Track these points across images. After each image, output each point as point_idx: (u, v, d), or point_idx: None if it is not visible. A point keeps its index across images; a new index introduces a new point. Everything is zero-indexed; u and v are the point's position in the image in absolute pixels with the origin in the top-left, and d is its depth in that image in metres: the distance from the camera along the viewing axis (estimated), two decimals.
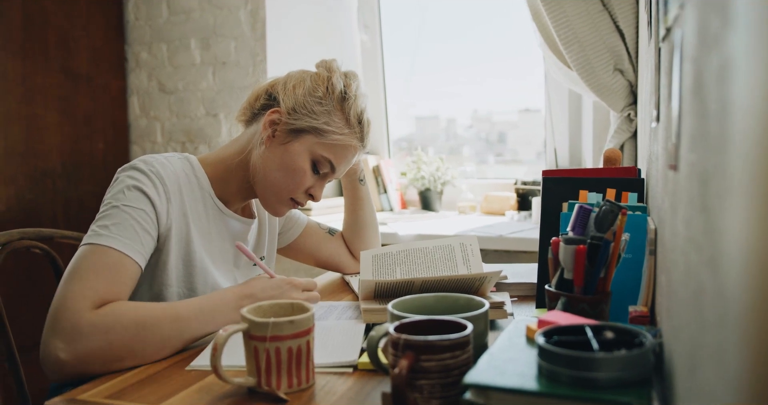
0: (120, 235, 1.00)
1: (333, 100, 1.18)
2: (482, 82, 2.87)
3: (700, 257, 0.46)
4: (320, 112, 1.16)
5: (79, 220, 2.49)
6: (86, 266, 0.97)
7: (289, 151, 1.17)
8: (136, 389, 0.85)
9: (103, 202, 1.06)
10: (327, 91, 1.18)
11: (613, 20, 1.83)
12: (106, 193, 1.07)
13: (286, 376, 0.81)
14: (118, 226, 1.01)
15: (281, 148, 1.17)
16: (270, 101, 1.21)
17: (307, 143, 1.17)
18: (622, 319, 0.94)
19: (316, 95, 1.17)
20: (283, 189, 1.18)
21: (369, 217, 1.48)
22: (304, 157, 1.17)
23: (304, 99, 1.17)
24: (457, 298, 0.91)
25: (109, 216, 1.02)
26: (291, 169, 1.17)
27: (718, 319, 0.39)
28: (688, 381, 0.52)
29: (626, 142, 1.89)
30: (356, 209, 1.47)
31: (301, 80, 1.19)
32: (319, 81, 1.19)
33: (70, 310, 0.92)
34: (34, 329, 2.18)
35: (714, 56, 0.41)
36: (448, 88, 2.97)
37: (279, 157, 1.17)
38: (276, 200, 1.20)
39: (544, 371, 0.65)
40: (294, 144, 1.17)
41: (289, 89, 1.18)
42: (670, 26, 0.72)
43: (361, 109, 1.20)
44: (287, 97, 1.17)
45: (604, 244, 0.86)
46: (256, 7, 2.51)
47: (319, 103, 1.17)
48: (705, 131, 0.44)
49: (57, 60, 2.44)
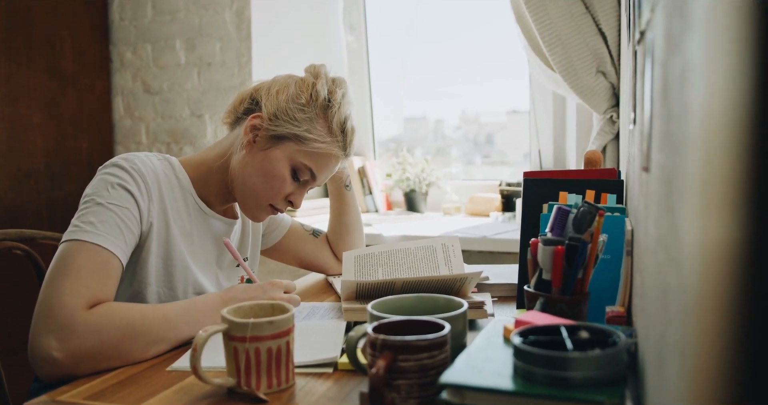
0: (106, 233, 1.00)
1: (316, 107, 1.17)
2: (470, 84, 2.89)
3: (666, 256, 0.47)
4: (302, 119, 1.15)
5: (63, 220, 2.47)
6: (77, 263, 0.96)
7: (269, 158, 1.16)
8: (116, 390, 0.85)
9: (84, 197, 1.05)
10: (311, 98, 1.17)
11: (596, 23, 1.84)
12: (87, 189, 1.07)
13: (265, 376, 0.81)
14: (104, 223, 1.01)
15: (261, 154, 1.16)
16: (253, 106, 1.21)
17: (288, 150, 1.16)
18: (600, 320, 0.95)
19: (299, 102, 1.16)
20: (261, 195, 1.18)
21: (354, 221, 1.48)
22: (284, 163, 1.16)
23: (286, 105, 1.16)
24: (437, 299, 0.91)
25: (94, 213, 1.02)
26: (270, 175, 1.16)
27: (680, 316, 0.39)
28: (656, 378, 0.53)
29: (609, 144, 1.90)
30: (341, 213, 1.47)
31: (286, 86, 1.18)
32: (304, 87, 1.18)
33: (65, 308, 0.91)
34: (15, 331, 2.18)
35: (677, 59, 0.42)
36: (437, 89, 2.99)
37: (258, 163, 1.16)
38: (255, 206, 1.20)
39: (520, 371, 0.66)
40: (274, 150, 1.16)
41: (273, 94, 1.17)
42: (644, 29, 0.73)
43: (344, 117, 1.19)
44: (269, 102, 1.17)
45: (581, 245, 0.87)
46: (242, 7, 2.50)
47: (302, 110, 1.16)
48: (670, 134, 0.45)
49: (41, 60, 2.43)
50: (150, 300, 1.11)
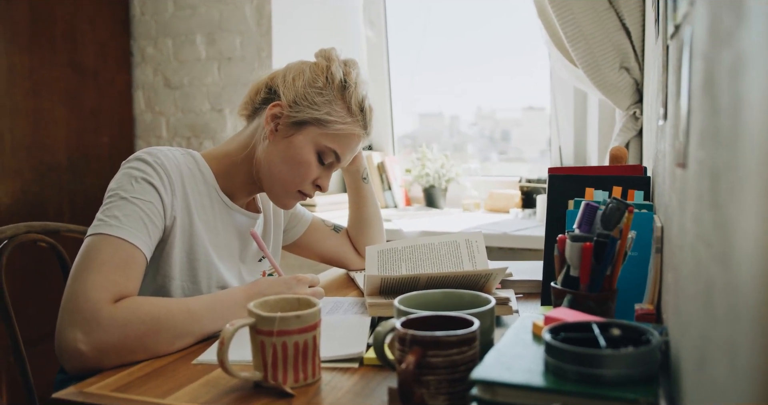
0: (131, 227, 1.00)
1: (333, 89, 1.17)
2: (486, 80, 2.87)
3: (710, 253, 0.46)
4: (321, 102, 1.16)
5: (85, 213, 2.50)
6: (102, 257, 0.97)
7: (293, 144, 1.16)
8: (143, 382, 0.85)
9: (108, 192, 1.06)
10: (327, 81, 1.18)
11: (620, 18, 1.82)
12: (111, 184, 1.07)
13: (292, 370, 0.81)
14: (128, 217, 1.01)
15: (285, 141, 1.17)
16: (270, 95, 1.21)
17: (311, 135, 1.16)
18: (628, 317, 0.94)
19: (316, 86, 1.17)
20: (289, 182, 1.19)
21: (373, 215, 1.48)
22: (309, 149, 1.17)
23: (304, 90, 1.16)
24: (463, 295, 0.91)
25: (118, 207, 1.02)
26: (296, 162, 1.17)
27: (730, 314, 0.39)
28: (696, 377, 0.52)
29: (631, 141, 1.88)
30: (360, 207, 1.47)
31: (300, 71, 1.19)
32: (318, 71, 1.19)
33: (90, 301, 0.92)
34: (39, 322, 2.20)
35: (726, 53, 0.41)
36: (453, 85, 2.97)
37: (283, 151, 1.17)
38: (284, 193, 1.21)
39: (551, 367, 0.66)
40: (297, 137, 1.17)
41: (289, 81, 1.18)
42: (680, 23, 0.72)
43: (362, 96, 1.20)
44: (287, 89, 1.17)
45: (610, 241, 0.86)
46: (262, 2, 2.51)
47: (320, 94, 1.16)
48: (716, 128, 0.44)
49: (63, 54, 2.45)
50: (174, 294, 1.11)
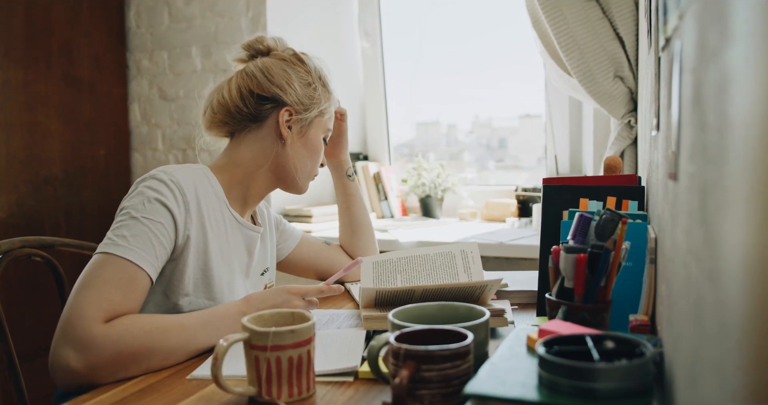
0: (138, 248, 1.00)
1: (316, 78, 1.25)
2: (483, 88, 2.88)
3: (700, 269, 0.46)
4: (317, 95, 1.24)
5: (81, 226, 2.49)
6: (104, 276, 0.97)
7: (309, 139, 1.25)
8: (138, 398, 0.85)
9: (120, 210, 1.06)
10: (309, 74, 1.25)
11: (613, 27, 1.83)
12: (124, 201, 1.07)
13: (286, 385, 0.81)
14: (136, 238, 1.01)
15: (301, 140, 1.24)
16: (260, 106, 1.21)
17: (318, 125, 1.26)
18: (623, 328, 0.94)
19: (306, 81, 1.24)
20: (311, 170, 1.29)
21: (362, 214, 1.51)
22: (320, 137, 1.28)
23: (303, 91, 1.22)
24: (458, 307, 0.91)
25: (128, 226, 1.02)
26: (315, 151, 1.27)
27: (719, 331, 0.39)
28: (688, 392, 0.52)
29: (626, 150, 1.89)
30: (349, 206, 1.50)
31: (285, 74, 1.21)
32: (296, 67, 1.23)
33: (84, 319, 0.92)
34: (34, 337, 2.19)
35: (712, 69, 0.41)
36: (449, 93, 2.98)
37: (302, 148, 1.24)
38: (307, 179, 1.29)
39: (545, 381, 0.65)
40: (310, 131, 1.25)
41: (285, 87, 1.20)
42: (670, 36, 0.73)
43: (326, 73, 1.29)
44: (288, 94, 1.21)
45: (604, 252, 0.86)
46: (258, 14, 2.51)
47: (314, 89, 1.24)
48: (704, 144, 0.44)
49: (59, 67, 2.45)
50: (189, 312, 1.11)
